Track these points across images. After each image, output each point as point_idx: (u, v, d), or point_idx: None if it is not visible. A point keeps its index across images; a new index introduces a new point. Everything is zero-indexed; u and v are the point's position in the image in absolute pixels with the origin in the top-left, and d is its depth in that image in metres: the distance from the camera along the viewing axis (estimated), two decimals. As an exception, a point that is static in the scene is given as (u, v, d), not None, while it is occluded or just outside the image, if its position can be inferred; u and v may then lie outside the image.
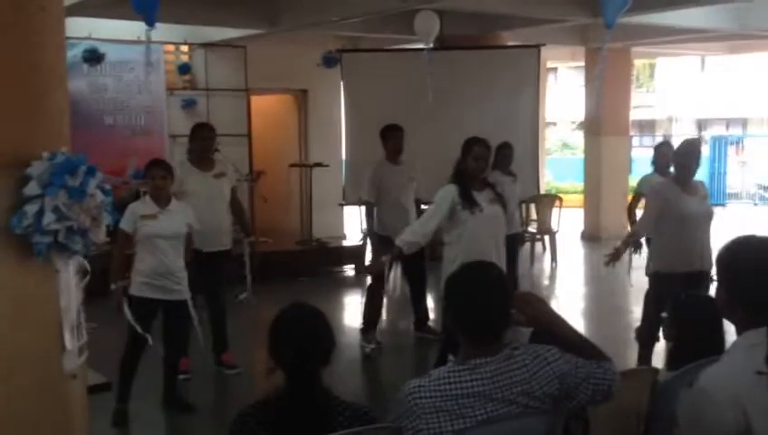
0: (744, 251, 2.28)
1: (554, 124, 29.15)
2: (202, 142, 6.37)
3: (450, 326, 2.63)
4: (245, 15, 10.03)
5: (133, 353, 5.41)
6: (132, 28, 8.15)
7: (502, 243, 5.57)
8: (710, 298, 3.48)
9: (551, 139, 26.00)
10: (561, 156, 28.37)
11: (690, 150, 5.90)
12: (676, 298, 3.49)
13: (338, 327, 7.79)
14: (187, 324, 5.64)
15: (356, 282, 10.68)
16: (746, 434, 2.07)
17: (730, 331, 2.41)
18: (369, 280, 7.66)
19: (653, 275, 5.98)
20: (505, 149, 7.94)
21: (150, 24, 5.64)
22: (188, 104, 11.41)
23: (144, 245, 5.40)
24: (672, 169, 6.27)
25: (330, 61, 11.50)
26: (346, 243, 12.12)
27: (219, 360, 6.49)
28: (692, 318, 3.25)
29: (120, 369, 5.40)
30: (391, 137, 7.08)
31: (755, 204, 20.17)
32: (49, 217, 2.58)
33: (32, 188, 2.58)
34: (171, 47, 11.35)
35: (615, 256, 5.92)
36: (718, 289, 2.32)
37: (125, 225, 5.34)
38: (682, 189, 5.77)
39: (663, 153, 7.43)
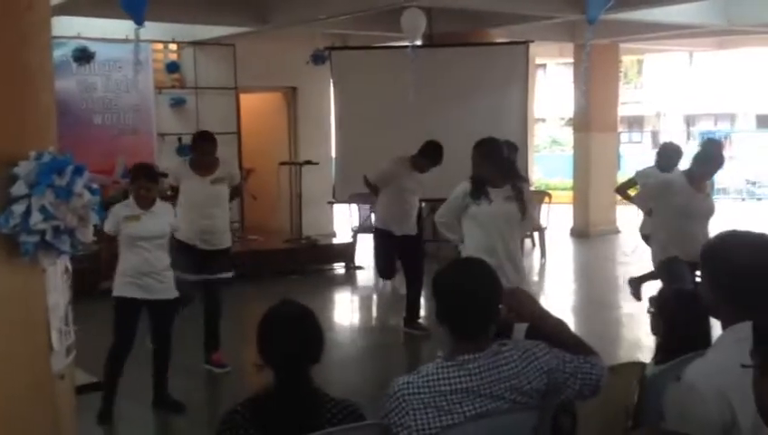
0: (725, 248, 2.30)
1: (543, 121, 29.19)
2: (202, 157, 6.36)
3: (437, 322, 2.64)
4: (235, 13, 10.00)
5: (118, 354, 5.38)
6: (121, 27, 8.10)
7: (513, 241, 5.50)
8: (695, 292, 3.50)
9: (540, 135, 26.03)
10: (550, 152, 28.41)
11: (716, 157, 6.02)
12: (661, 292, 3.50)
13: (328, 325, 7.79)
14: (173, 323, 5.64)
15: (346, 279, 10.68)
16: (732, 427, 2.08)
17: (716, 325, 2.42)
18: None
19: (658, 265, 6.07)
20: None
21: (139, 22, 5.61)
22: (177, 103, 11.39)
23: (127, 245, 5.40)
24: (681, 167, 6.43)
25: (319, 58, 11.48)
26: (336, 241, 12.12)
27: (209, 359, 6.48)
28: (677, 312, 3.26)
29: (104, 369, 5.32)
30: (434, 160, 7.27)
31: (743, 199, 20.24)
32: (36, 217, 2.56)
33: (19, 188, 2.57)
34: (160, 46, 11.32)
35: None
36: (701, 284, 2.33)
37: (107, 226, 5.35)
38: (693, 187, 5.86)
39: (667, 154, 7.57)
